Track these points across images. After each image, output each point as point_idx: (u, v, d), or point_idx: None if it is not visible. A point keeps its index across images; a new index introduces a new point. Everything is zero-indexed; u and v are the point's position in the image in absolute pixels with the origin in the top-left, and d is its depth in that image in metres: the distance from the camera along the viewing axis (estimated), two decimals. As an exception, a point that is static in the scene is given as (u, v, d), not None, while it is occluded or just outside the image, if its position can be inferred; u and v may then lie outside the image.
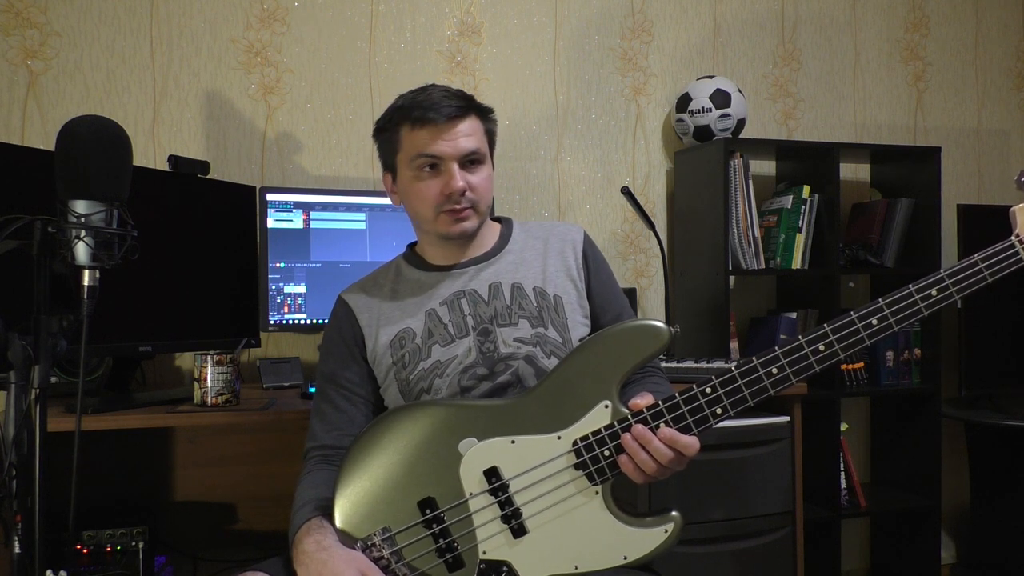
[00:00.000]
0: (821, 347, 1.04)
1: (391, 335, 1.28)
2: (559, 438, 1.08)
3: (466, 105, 1.25)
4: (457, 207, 1.24)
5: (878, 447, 2.75)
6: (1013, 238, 1.05)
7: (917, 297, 1.04)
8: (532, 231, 1.38)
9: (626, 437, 1.05)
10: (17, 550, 0.97)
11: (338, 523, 1.09)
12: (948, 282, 1.04)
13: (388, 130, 1.28)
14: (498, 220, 1.41)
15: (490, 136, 1.31)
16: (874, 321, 1.04)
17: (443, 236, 1.28)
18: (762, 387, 1.05)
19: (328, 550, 1.05)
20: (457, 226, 1.26)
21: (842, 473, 2.42)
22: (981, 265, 1.04)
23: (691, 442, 1.04)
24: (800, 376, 1.05)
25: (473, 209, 1.26)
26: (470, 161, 1.25)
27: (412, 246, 1.41)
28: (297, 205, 2.02)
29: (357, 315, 1.31)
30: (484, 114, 1.30)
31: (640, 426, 1.05)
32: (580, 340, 1.27)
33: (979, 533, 2.70)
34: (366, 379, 1.30)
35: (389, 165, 1.32)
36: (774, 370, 1.05)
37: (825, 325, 1.05)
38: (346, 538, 1.09)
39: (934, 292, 1.04)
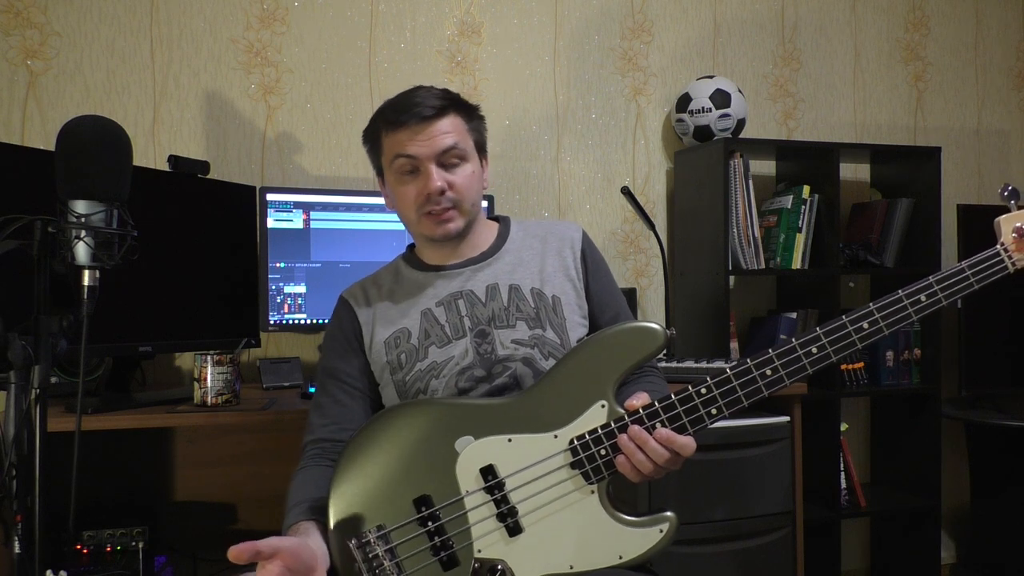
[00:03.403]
0: (814, 349, 1.06)
1: (387, 334, 1.29)
2: (555, 437, 1.09)
3: (444, 104, 1.24)
4: (437, 208, 1.24)
5: (878, 447, 2.76)
6: (998, 246, 1.09)
7: (907, 303, 1.07)
8: (530, 230, 1.38)
9: (623, 438, 1.05)
10: (17, 550, 0.98)
11: (333, 521, 1.10)
12: (936, 288, 1.07)
13: (371, 135, 1.31)
14: (496, 219, 1.41)
15: (476, 134, 1.31)
16: (865, 325, 1.07)
17: (427, 238, 1.29)
18: (756, 388, 1.06)
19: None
20: (440, 228, 1.26)
21: (842, 473, 2.42)
22: (968, 272, 1.07)
23: (687, 442, 1.05)
24: (793, 378, 1.07)
25: (456, 209, 1.26)
26: (450, 160, 1.25)
27: (412, 246, 1.41)
28: (297, 205, 2.02)
29: (357, 312, 1.32)
30: (467, 112, 1.29)
31: (636, 427, 1.05)
32: (578, 341, 1.27)
33: (979, 533, 2.70)
34: (366, 373, 1.31)
35: (378, 169, 1.34)
36: (768, 371, 1.06)
37: (817, 328, 1.07)
38: (341, 536, 1.09)
39: (923, 298, 1.07)
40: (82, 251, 1.00)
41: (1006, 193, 1.12)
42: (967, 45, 2.96)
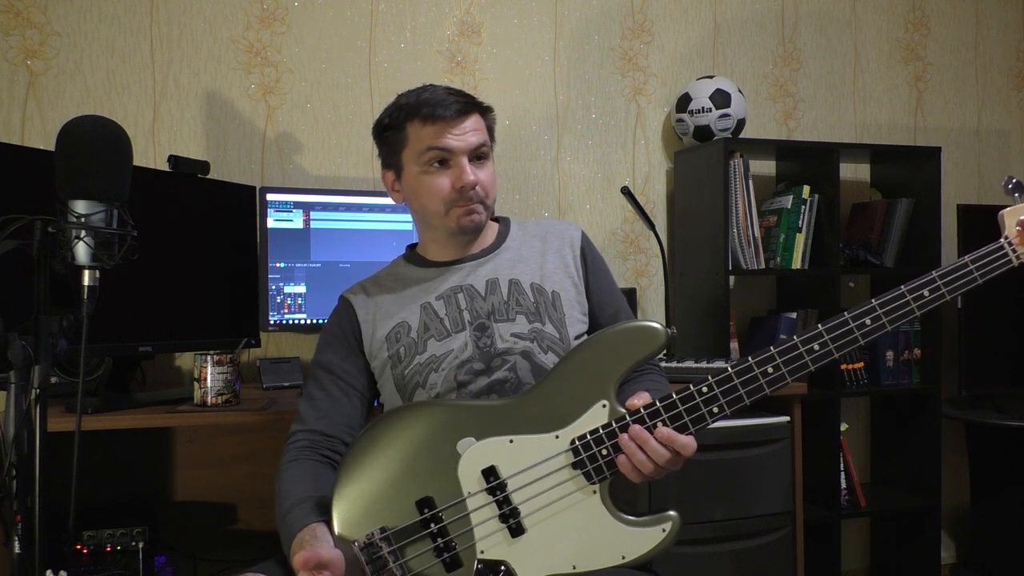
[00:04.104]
0: (816, 346, 1.06)
1: (387, 329, 1.29)
2: (557, 437, 1.09)
3: (469, 102, 1.27)
4: (470, 202, 1.26)
5: (878, 447, 2.76)
6: (1002, 240, 1.07)
7: (910, 298, 1.06)
8: (530, 230, 1.39)
9: (623, 437, 1.05)
10: (17, 550, 0.98)
11: (336, 523, 1.10)
12: (940, 283, 1.06)
13: (393, 127, 1.29)
14: (496, 219, 1.42)
15: (491, 133, 1.33)
16: (867, 321, 1.06)
17: (453, 231, 1.29)
18: (758, 386, 1.06)
19: None
20: (468, 218, 1.27)
21: (842, 473, 2.42)
22: (972, 267, 1.06)
23: (688, 442, 1.05)
24: (795, 375, 1.06)
25: (482, 204, 1.28)
26: (477, 156, 1.27)
27: (412, 247, 1.42)
28: (297, 205, 2.02)
29: (357, 310, 1.32)
30: (485, 112, 1.32)
31: (637, 426, 1.05)
32: (577, 337, 1.28)
33: (979, 533, 2.70)
34: (362, 372, 1.31)
35: (392, 163, 1.32)
36: (770, 369, 1.06)
37: (819, 325, 1.06)
38: (344, 538, 1.09)
39: (926, 293, 1.06)
40: (82, 251, 1.00)
41: (1010, 186, 1.11)
42: (967, 45, 2.96)
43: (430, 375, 1.24)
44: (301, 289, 2.01)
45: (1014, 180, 1.11)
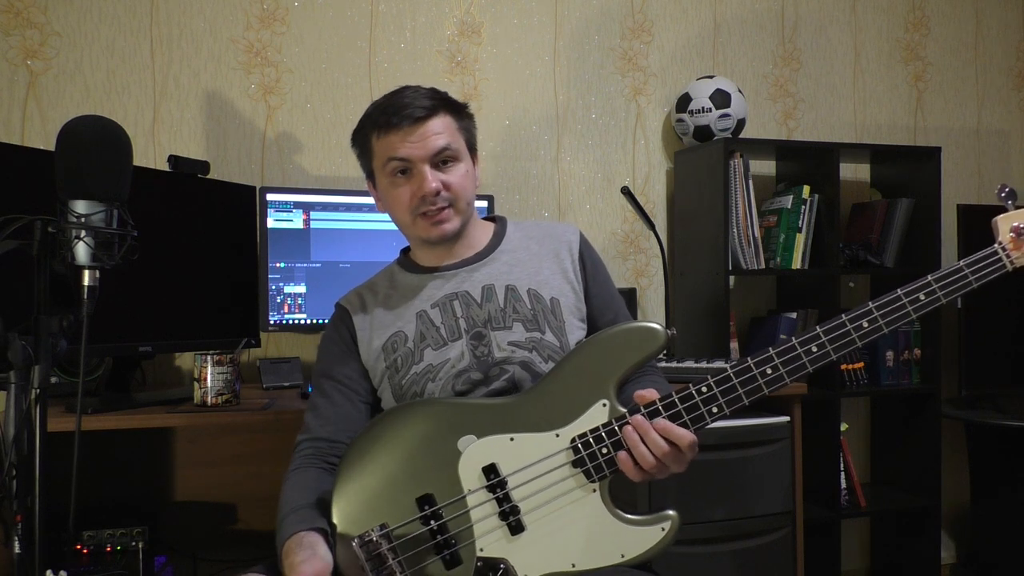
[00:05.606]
0: (814, 348, 1.07)
1: (384, 339, 1.28)
2: (557, 436, 1.09)
3: (433, 104, 1.24)
4: (432, 208, 1.24)
5: (878, 447, 2.76)
6: (996, 245, 1.10)
7: (905, 301, 1.08)
8: (527, 231, 1.37)
9: (627, 429, 1.06)
10: (17, 550, 0.98)
11: (336, 519, 1.10)
12: (935, 286, 1.08)
13: (360, 138, 1.30)
14: (492, 219, 1.40)
15: (466, 132, 1.30)
16: (864, 324, 1.07)
17: (423, 240, 1.28)
18: (756, 386, 1.07)
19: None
20: (436, 229, 1.25)
21: (842, 473, 2.42)
22: (967, 271, 1.08)
23: (684, 434, 1.04)
24: (794, 376, 1.07)
25: (452, 208, 1.25)
26: (443, 160, 1.24)
27: (405, 250, 1.41)
28: (297, 205, 2.02)
29: (354, 318, 1.32)
30: (457, 111, 1.29)
31: (639, 416, 1.06)
32: (577, 343, 1.27)
33: (979, 533, 2.70)
34: (363, 377, 1.30)
35: (368, 172, 1.32)
36: (768, 370, 1.07)
37: (817, 327, 1.07)
38: (344, 535, 1.09)
39: (922, 296, 1.08)
40: (82, 251, 1.00)
41: (1003, 194, 1.13)
42: (967, 45, 2.96)
43: (427, 384, 1.24)
44: (301, 289, 2.02)
45: (1007, 188, 1.13)
